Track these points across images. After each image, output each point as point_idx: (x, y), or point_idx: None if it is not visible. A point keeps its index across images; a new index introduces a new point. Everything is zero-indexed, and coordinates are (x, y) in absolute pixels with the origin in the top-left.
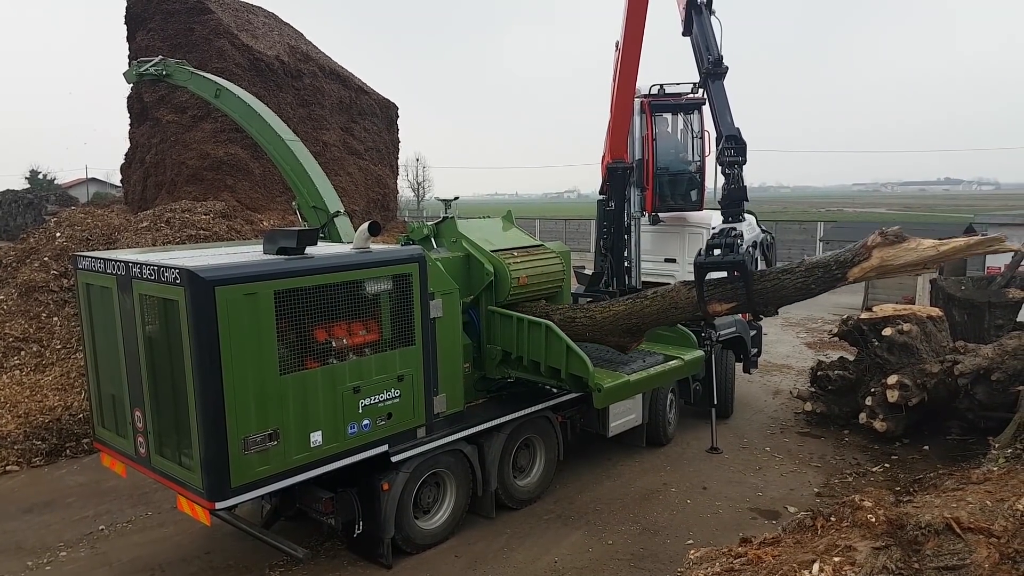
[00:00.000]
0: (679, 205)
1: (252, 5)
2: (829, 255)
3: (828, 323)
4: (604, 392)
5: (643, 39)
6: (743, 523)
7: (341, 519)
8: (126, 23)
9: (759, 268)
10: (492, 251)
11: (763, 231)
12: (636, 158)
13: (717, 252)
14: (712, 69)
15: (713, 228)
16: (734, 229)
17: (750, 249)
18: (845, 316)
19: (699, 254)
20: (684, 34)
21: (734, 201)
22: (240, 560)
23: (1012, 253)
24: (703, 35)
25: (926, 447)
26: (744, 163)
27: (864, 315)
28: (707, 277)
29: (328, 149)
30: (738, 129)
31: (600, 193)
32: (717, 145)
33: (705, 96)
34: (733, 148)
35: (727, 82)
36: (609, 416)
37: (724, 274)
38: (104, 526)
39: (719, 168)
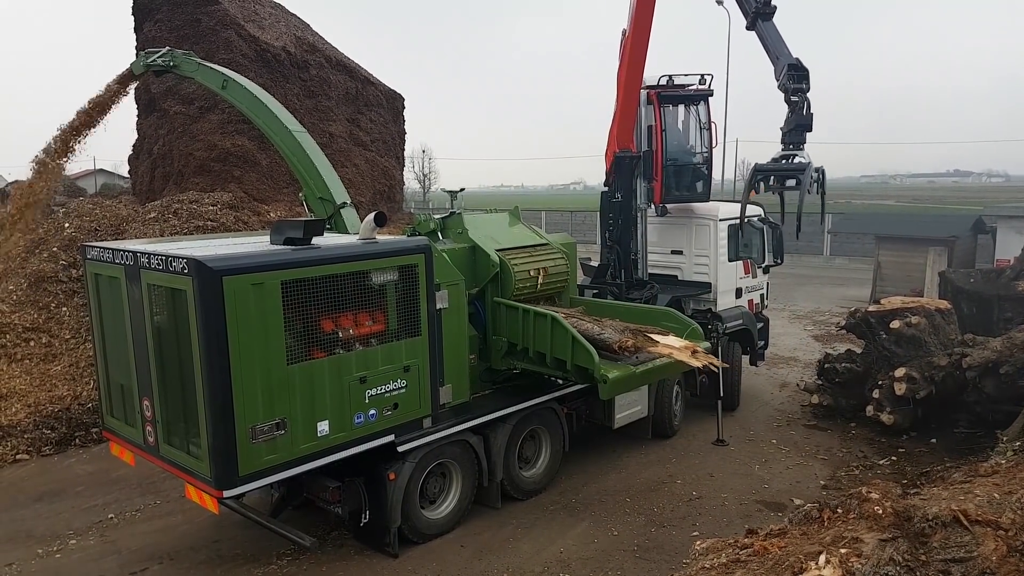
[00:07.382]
0: (686, 196)
1: None
2: (611, 339)
3: (835, 316)
4: (610, 383)
5: (651, 26)
6: (749, 515)
7: (348, 508)
8: (133, 14)
9: (767, 257)
10: (498, 250)
11: (771, 224)
12: (642, 149)
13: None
14: (761, 8)
15: (721, 220)
16: (795, 155)
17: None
18: (853, 309)
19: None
20: None
21: (797, 128)
22: (248, 548)
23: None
24: None
25: (933, 440)
26: (808, 90)
27: (872, 308)
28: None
29: (334, 140)
30: (798, 59)
31: (604, 185)
32: (777, 76)
33: (758, 37)
34: (795, 74)
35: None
36: (615, 408)
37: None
38: (113, 514)
39: (783, 95)
